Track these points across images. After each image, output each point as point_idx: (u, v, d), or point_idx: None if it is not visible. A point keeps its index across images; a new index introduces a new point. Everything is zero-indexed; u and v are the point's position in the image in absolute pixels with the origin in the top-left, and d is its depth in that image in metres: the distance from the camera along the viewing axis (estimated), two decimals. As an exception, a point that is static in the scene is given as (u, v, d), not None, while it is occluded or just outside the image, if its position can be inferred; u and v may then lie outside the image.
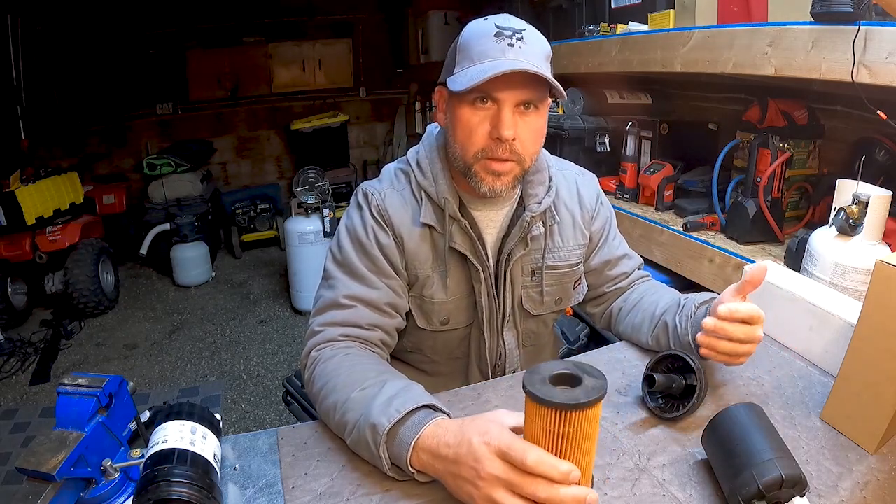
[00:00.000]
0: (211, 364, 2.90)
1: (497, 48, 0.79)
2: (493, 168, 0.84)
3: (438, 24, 3.83)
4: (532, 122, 0.84)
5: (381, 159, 5.23)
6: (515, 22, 0.83)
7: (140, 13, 4.18)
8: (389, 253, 0.90)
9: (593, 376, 0.56)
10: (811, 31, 1.09)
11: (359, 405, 0.71)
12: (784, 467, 0.58)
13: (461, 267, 0.94)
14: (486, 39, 0.80)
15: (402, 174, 0.96)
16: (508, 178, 0.86)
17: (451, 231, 0.90)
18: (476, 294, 0.95)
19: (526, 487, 0.55)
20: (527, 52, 0.80)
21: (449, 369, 1.04)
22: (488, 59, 0.79)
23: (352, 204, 0.96)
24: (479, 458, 0.57)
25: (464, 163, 0.86)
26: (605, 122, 2.01)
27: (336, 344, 0.85)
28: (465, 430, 0.61)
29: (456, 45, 0.85)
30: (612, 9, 2.05)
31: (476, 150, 0.84)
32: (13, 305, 3.14)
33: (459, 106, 0.83)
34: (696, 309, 0.87)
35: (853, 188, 1.05)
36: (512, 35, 0.80)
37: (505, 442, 0.57)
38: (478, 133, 0.83)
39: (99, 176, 4.25)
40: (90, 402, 0.62)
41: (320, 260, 3.72)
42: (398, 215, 0.91)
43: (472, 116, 0.83)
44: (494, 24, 0.81)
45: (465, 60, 0.82)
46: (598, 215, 1.04)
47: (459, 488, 0.60)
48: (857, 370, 0.74)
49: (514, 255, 0.94)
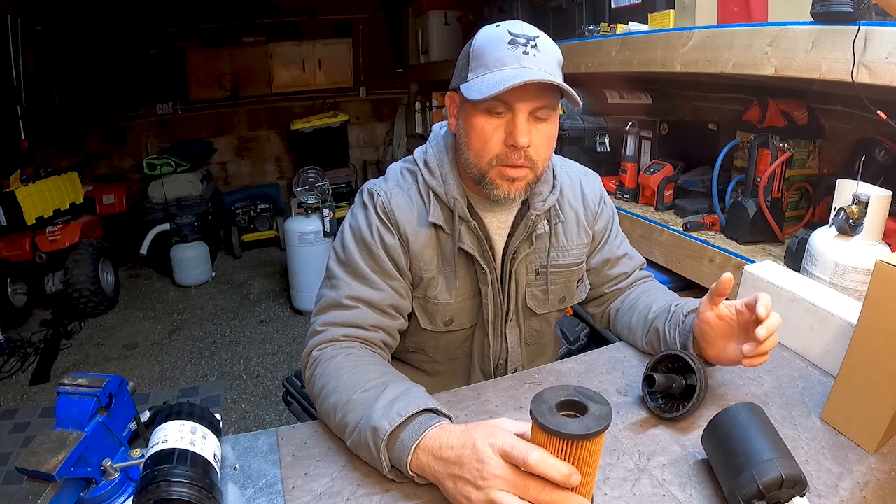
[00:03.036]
0: (211, 364, 2.90)
1: (512, 56, 0.79)
2: (509, 174, 0.84)
3: (438, 24, 3.83)
4: (545, 130, 0.84)
5: (381, 159, 5.23)
6: (529, 29, 0.83)
7: (140, 13, 4.17)
8: (394, 253, 0.90)
9: (598, 403, 0.56)
10: (811, 31, 1.09)
11: (360, 407, 0.71)
12: (784, 467, 0.58)
13: (467, 268, 0.94)
14: (500, 46, 0.80)
15: (408, 174, 0.96)
16: (522, 184, 0.86)
17: (459, 232, 0.90)
18: (482, 296, 0.95)
19: (527, 489, 0.55)
20: (541, 59, 0.80)
21: (450, 369, 1.04)
22: (504, 66, 0.79)
23: (356, 203, 0.96)
24: (482, 459, 0.58)
25: (478, 170, 0.86)
26: (605, 122, 2.00)
27: (337, 344, 0.85)
28: (470, 433, 0.61)
29: (469, 52, 0.85)
30: (612, 9, 2.04)
31: (491, 157, 0.84)
32: (13, 305, 3.14)
33: (474, 113, 0.83)
34: (683, 318, 0.87)
35: (853, 188, 1.05)
36: (526, 42, 0.80)
37: (508, 443, 0.57)
38: (493, 140, 0.83)
39: (99, 176, 4.25)
40: (90, 402, 0.62)
41: (320, 260, 3.71)
42: (404, 215, 0.91)
43: (487, 124, 0.83)
44: (508, 30, 0.81)
45: (480, 68, 0.82)
46: (601, 214, 1.04)
47: (458, 490, 0.60)
48: (857, 370, 0.74)
49: (519, 254, 0.94)
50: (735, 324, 0.78)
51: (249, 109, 4.83)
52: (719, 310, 0.79)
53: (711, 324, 0.79)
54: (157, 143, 4.52)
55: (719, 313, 0.79)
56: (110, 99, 4.28)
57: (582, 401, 0.57)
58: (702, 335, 0.81)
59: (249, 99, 4.79)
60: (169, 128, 4.59)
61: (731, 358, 0.80)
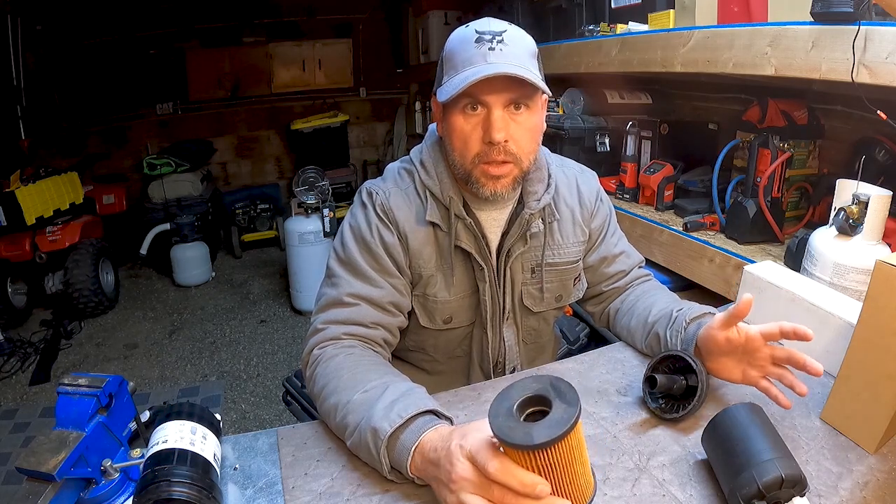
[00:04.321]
0: (211, 364, 2.90)
1: (478, 54, 0.80)
2: (491, 173, 0.85)
3: (438, 24, 3.83)
4: (524, 121, 0.84)
5: (381, 159, 5.23)
6: (496, 24, 0.83)
7: (140, 13, 4.17)
8: (394, 251, 0.91)
9: (564, 402, 0.51)
10: (811, 31, 1.09)
11: (360, 408, 0.71)
12: (784, 467, 0.58)
13: (465, 266, 0.94)
14: (467, 46, 0.82)
15: (405, 173, 0.96)
16: (508, 181, 0.86)
17: (456, 230, 0.90)
18: (480, 293, 0.95)
19: (493, 494, 0.55)
20: (508, 53, 0.80)
21: (450, 368, 1.04)
22: (471, 65, 0.80)
23: (355, 203, 0.96)
24: (452, 461, 0.58)
25: (463, 169, 0.87)
26: (605, 122, 2.00)
27: (338, 343, 0.85)
28: (450, 435, 0.61)
29: (442, 55, 0.87)
30: (612, 9, 2.05)
31: (472, 156, 0.85)
32: (13, 305, 3.14)
33: (452, 115, 0.85)
34: (686, 325, 0.86)
35: (853, 188, 1.05)
36: (492, 38, 0.81)
37: (475, 447, 0.57)
38: (472, 139, 0.84)
39: (99, 176, 4.25)
40: (90, 402, 0.62)
41: (320, 260, 3.70)
42: (402, 214, 0.91)
43: (465, 124, 0.84)
44: (475, 29, 0.82)
45: (450, 70, 0.83)
46: (597, 213, 1.04)
47: (438, 492, 0.61)
48: (857, 370, 0.74)
49: (513, 252, 0.95)
50: (741, 347, 0.77)
51: (249, 109, 4.83)
52: (730, 332, 0.77)
53: (719, 342, 0.78)
54: (157, 143, 4.52)
55: (728, 336, 0.77)
56: (110, 99, 4.28)
57: (548, 396, 0.52)
58: (706, 349, 0.81)
59: (249, 99, 4.79)
60: (169, 128, 4.59)
61: (730, 374, 0.80)
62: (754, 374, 0.78)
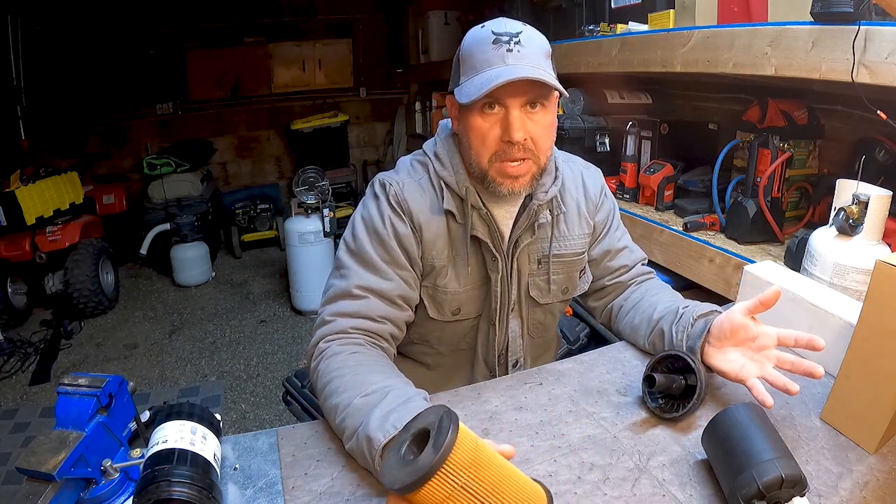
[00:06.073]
0: (211, 364, 2.90)
1: (497, 55, 0.81)
2: (509, 172, 0.86)
3: (438, 24, 3.83)
4: (541, 119, 0.86)
5: (381, 159, 5.23)
6: (512, 25, 0.84)
7: (140, 13, 4.17)
8: (406, 243, 0.91)
9: (434, 445, 0.48)
10: (811, 31, 1.09)
11: (359, 413, 0.71)
12: (784, 467, 0.58)
13: (477, 257, 0.95)
14: (485, 47, 0.83)
15: (418, 165, 0.97)
16: (526, 179, 0.88)
17: (472, 220, 0.91)
18: (492, 283, 0.96)
19: None
20: (525, 54, 0.82)
21: (453, 361, 1.05)
22: (490, 66, 0.81)
23: (367, 195, 0.97)
24: None
25: (480, 168, 0.88)
26: (605, 122, 2.00)
27: (345, 337, 0.85)
28: None
29: (458, 55, 0.88)
30: (612, 9, 2.05)
31: (490, 155, 0.86)
32: (13, 305, 3.14)
33: (470, 115, 0.86)
34: (693, 321, 0.87)
35: (853, 188, 1.05)
36: (509, 40, 0.82)
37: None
38: (490, 138, 0.85)
39: (99, 176, 4.25)
40: (90, 402, 0.62)
41: (320, 260, 3.71)
42: (417, 204, 0.92)
43: (483, 123, 0.85)
44: (491, 30, 0.83)
45: (469, 70, 0.85)
46: (602, 206, 1.05)
47: None
48: (857, 370, 0.74)
49: (521, 243, 0.96)
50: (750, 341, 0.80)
51: (249, 109, 4.83)
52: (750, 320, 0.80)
53: (735, 323, 0.80)
54: (157, 143, 4.51)
55: (745, 323, 0.79)
56: (110, 99, 4.28)
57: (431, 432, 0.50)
58: (719, 333, 0.82)
59: (249, 99, 4.79)
60: (169, 128, 4.58)
61: (729, 364, 0.81)
62: (751, 370, 0.79)
